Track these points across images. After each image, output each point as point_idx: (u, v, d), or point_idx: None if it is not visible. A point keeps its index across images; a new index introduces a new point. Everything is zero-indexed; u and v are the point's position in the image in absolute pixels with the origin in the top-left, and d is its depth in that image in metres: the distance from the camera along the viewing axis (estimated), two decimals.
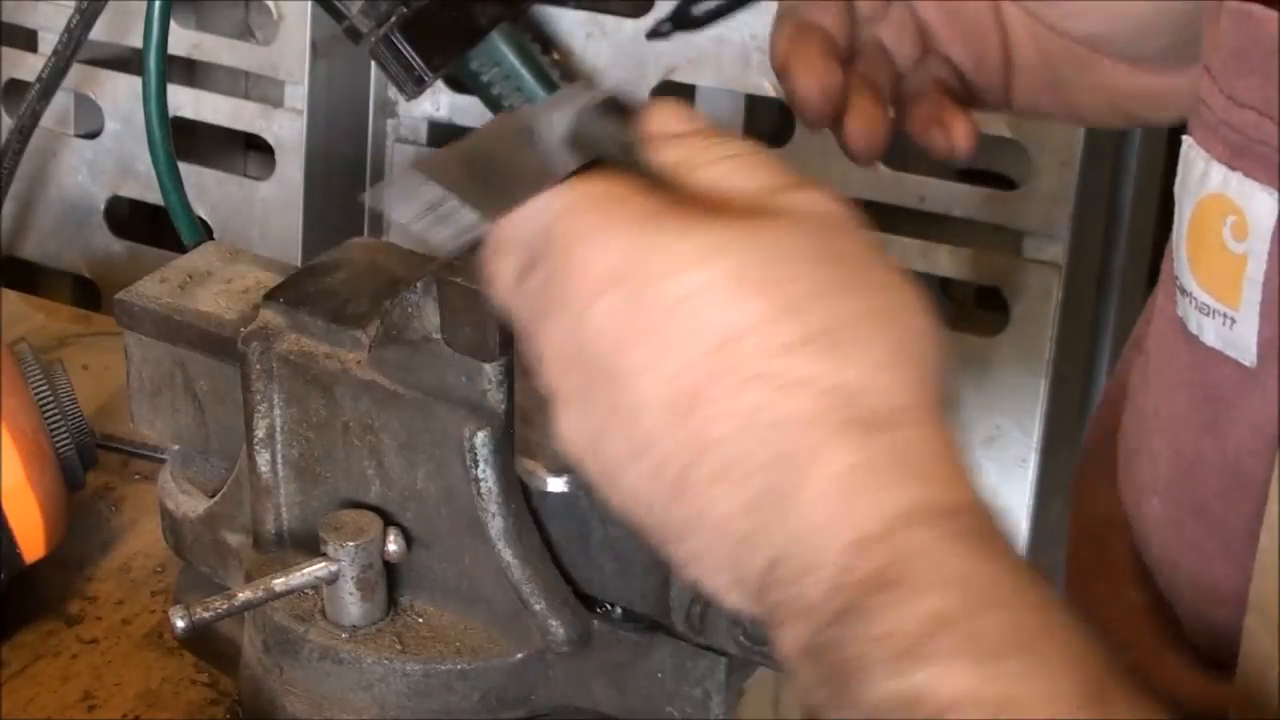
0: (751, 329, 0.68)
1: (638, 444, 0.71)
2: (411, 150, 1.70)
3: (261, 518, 1.03)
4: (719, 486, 0.69)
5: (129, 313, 1.09)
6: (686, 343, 0.68)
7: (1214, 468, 0.75)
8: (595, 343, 0.71)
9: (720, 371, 0.68)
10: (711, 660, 0.94)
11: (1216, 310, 0.73)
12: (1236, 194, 0.71)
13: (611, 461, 0.72)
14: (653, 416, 0.69)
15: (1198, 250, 0.74)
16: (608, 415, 0.71)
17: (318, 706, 0.99)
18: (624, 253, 0.70)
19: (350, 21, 1.39)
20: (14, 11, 1.71)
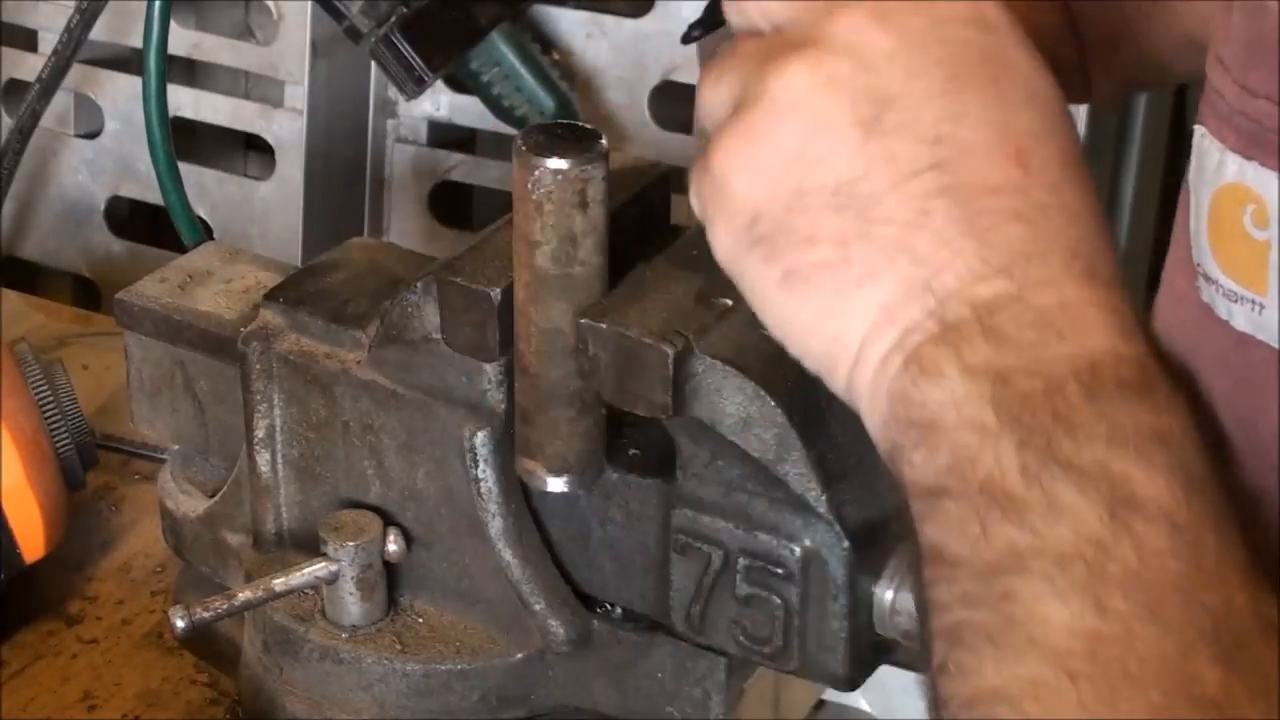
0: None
1: (851, 271, 0.70)
2: (411, 150, 1.70)
3: (261, 518, 1.03)
4: (935, 239, 0.68)
5: (129, 313, 1.09)
6: (898, 140, 0.69)
7: (1251, 450, 0.76)
8: (798, 156, 0.70)
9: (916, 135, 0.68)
10: (711, 660, 0.94)
11: (1244, 297, 0.74)
12: (1254, 183, 0.72)
13: (815, 305, 0.71)
14: (862, 186, 0.69)
15: (1219, 239, 0.74)
16: (812, 244, 0.70)
17: (318, 706, 0.99)
18: (868, 26, 0.70)
19: (350, 21, 1.39)
20: (14, 11, 1.71)
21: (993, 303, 0.67)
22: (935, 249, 0.68)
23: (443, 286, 0.92)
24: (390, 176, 1.72)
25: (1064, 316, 0.68)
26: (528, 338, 0.88)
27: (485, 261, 0.93)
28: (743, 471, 0.89)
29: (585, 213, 0.85)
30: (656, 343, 0.85)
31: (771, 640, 0.90)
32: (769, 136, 0.70)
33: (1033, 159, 0.69)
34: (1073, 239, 0.69)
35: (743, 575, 0.89)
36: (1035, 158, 0.69)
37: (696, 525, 0.90)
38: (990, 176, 0.68)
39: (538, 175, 0.84)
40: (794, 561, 0.88)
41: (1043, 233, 0.69)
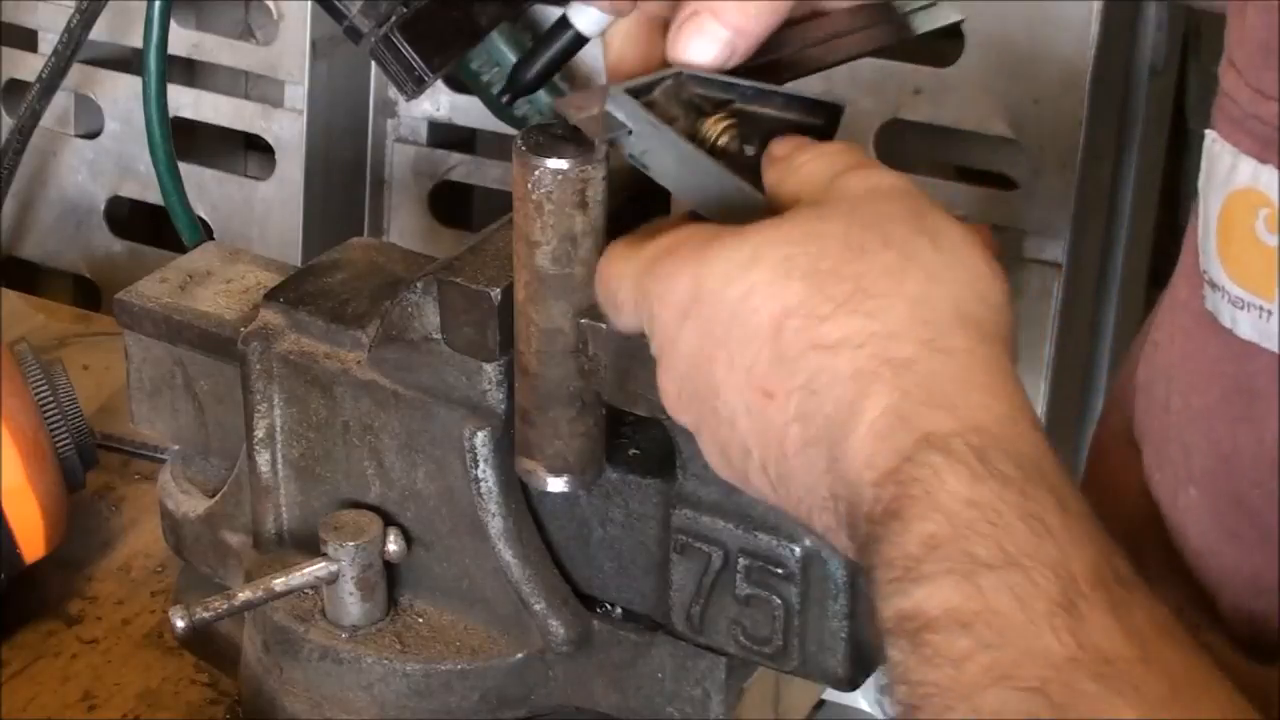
0: (796, 308, 0.76)
1: (744, 449, 0.79)
2: (412, 150, 1.70)
3: (261, 518, 1.03)
4: (800, 457, 0.76)
5: (129, 313, 1.09)
6: (754, 332, 0.77)
7: (1251, 459, 0.76)
8: (691, 369, 0.80)
9: (780, 355, 0.76)
10: (711, 660, 0.94)
11: (1252, 304, 0.73)
12: (1269, 187, 0.72)
13: (739, 469, 0.80)
14: (745, 421, 0.78)
15: (1228, 244, 0.74)
16: (719, 431, 0.80)
17: (318, 706, 0.99)
18: (687, 283, 0.79)
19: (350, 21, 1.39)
20: (14, 11, 1.71)
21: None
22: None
23: (443, 286, 0.92)
24: (390, 176, 1.72)
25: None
26: (528, 338, 0.88)
27: (485, 261, 0.93)
28: None
29: (585, 213, 0.85)
30: None
31: (771, 640, 0.90)
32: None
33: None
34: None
35: (743, 575, 0.89)
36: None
37: (696, 525, 0.90)
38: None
39: (538, 175, 0.84)
40: (794, 561, 0.88)
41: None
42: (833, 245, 0.77)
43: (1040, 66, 1.50)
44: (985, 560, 0.68)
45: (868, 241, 0.77)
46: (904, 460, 0.71)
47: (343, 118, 1.68)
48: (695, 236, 0.81)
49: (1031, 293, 1.57)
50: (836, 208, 0.79)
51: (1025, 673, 0.66)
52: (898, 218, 0.78)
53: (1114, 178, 1.65)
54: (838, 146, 0.84)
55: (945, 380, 0.73)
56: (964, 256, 0.77)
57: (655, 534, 0.93)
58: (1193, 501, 0.80)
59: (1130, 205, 1.67)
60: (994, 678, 0.66)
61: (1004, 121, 1.54)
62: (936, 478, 0.70)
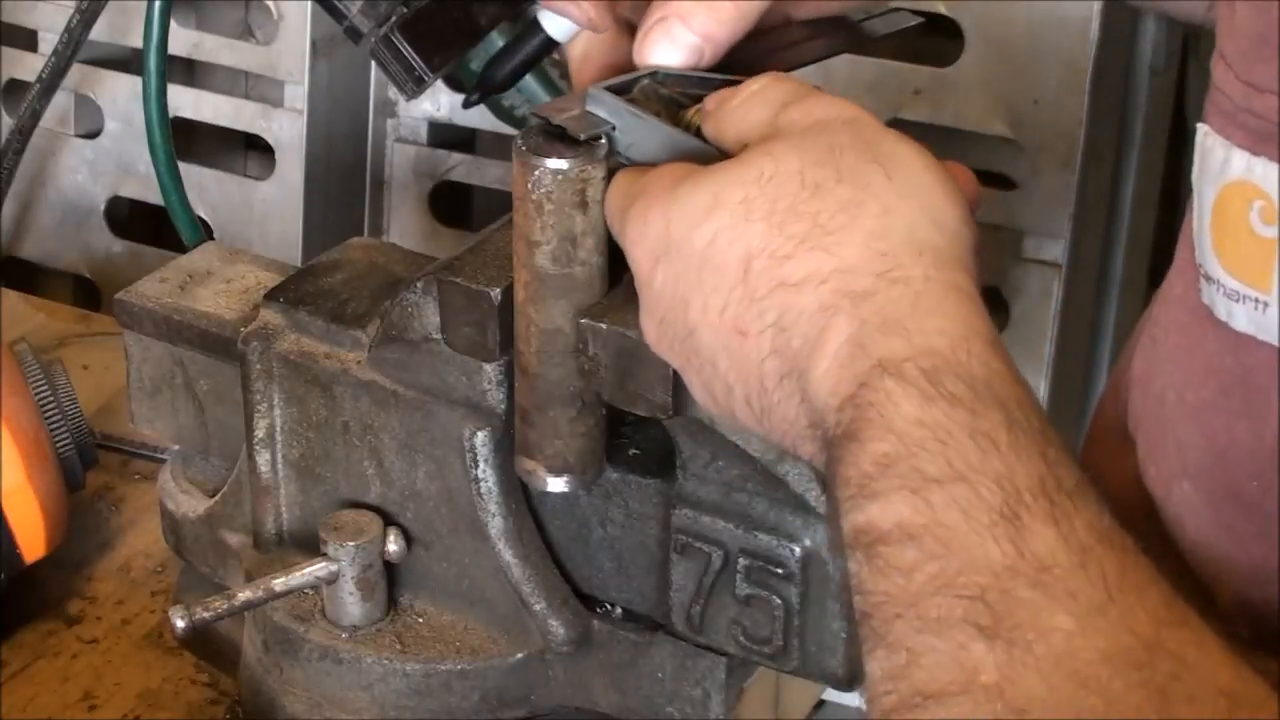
0: (760, 250, 0.79)
1: (727, 385, 0.81)
2: (412, 150, 1.70)
3: (261, 518, 1.03)
4: (779, 391, 0.79)
5: (129, 312, 1.09)
6: (721, 278, 0.80)
7: (1248, 452, 0.76)
8: (668, 311, 0.82)
9: (750, 295, 0.79)
10: (711, 660, 0.94)
11: (1248, 296, 0.74)
12: (1262, 179, 0.72)
13: (724, 405, 0.83)
14: (724, 359, 0.81)
15: (1224, 237, 0.74)
16: (702, 369, 0.82)
17: (318, 706, 0.99)
18: (658, 228, 0.82)
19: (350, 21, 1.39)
20: (14, 11, 1.71)
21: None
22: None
23: (443, 286, 0.92)
24: (390, 176, 1.72)
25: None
26: (528, 338, 0.88)
27: (485, 261, 0.93)
28: (743, 471, 0.89)
29: (585, 213, 0.85)
30: None
31: (771, 640, 0.90)
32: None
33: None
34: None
35: (743, 575, 0.89)
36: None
37: (696, 525, 0.90)
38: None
39: (538, 175, 0.84)
40: (794, 561, 0.88)
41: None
42: (788, 184, 0.79)
43: (1040, 66, 1.50)
44: (934, 476, 0.71)
45: (822, 178, 0.79)
46: (860, 385, 0.74)
47: (343, 118, 1.68)
48: (666, 176, 0.83)
49: (1031, 293, 1.57)
50: (786, 143, 0.81)
51: (966, 580, 0.69)
52: (849, 148, 0.80)
53: (1114, 178, 1.65)
54: (765, 80, 0.86)
55: (901, 308, 0.76)
56: (918, 183, 0.80)
57: (655, 534, 0.93)
58: (1188, 495, 0.81)
59: (1130, 205, 1.67)
60: (938, 586, 0.70)
61: (1004, 121, 1.54)
62: (890, 401, 0.73)
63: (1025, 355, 1.55)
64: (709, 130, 0.86)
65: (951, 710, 0.68)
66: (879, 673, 0.72)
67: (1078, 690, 0.66)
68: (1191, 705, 0.66)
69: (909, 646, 0.70)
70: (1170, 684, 0.66)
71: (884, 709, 0.71)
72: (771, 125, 0.83)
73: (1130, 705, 0.66)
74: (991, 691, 0.68)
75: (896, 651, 0.71)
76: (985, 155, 1.67)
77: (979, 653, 0.68)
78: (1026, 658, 0.67)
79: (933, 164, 0.81)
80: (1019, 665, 0.67)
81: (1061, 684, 0.67)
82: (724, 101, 0.86)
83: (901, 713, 0.70)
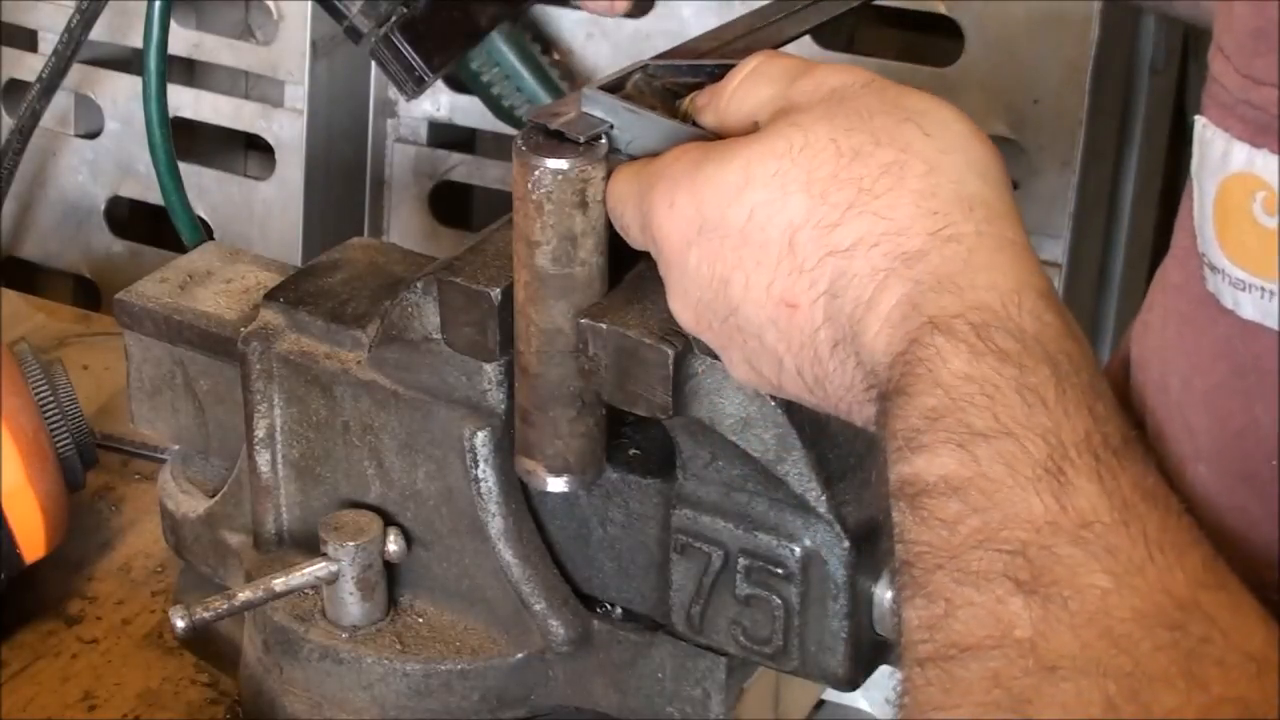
0: (805, 218, 0.78)
1: (775, 359, 0.81)
2: (412, 150, 1.70)
3: (261, 518, 1.03)
4: (834, 359, 0.79)
5: (129, 313, 1.09)
6: (765, 254, 0.79)
7: (1261, 434, 0.77)
8: (705, 292, 0.82)
9: (798, 266, 0.79)
10: (711, 660, 0.94)
11: (1253, 285, 0.74)
12: (1263, 170, 0.72)
13: (771, 379, 0.83)
14: (772, 333, 0.80)
15: (1227, 228, 0.75)
16: (746, 345, 0.82)
17: (318, 706, 0.99)
18: (688, 211, 0.81)
19: (350, 21, 1.39)
20: (14, 11, 1.71)
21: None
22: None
23: (443, 286, 0.92)
24: (390, 176, 1.72)
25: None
26: (528, 338, 0.88)
27: (485, 261, 0.93)
28: (743, 471, 0.89)
29: (585, 213, 0.85)
30: (656, 343, 0.85)
31: (771, 640, 0.90)
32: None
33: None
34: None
35: (743, 575, 0.89)
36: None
37: (696, 525, 0.90)
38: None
39: (538, 175, 0.84)
40: (794, 561, 0.88)
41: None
42: (824, 152, 0.79)
43: (1040, 66, 1.50)
44: (980, 430, 0.72)
45: (859, 143, 0.79)
46: (911, 342, 0.75)
47: (343, 118, 1.68)
48: (685, 157, 0.82)
49: None
50: (811, 114, 0.81)
51: (1008, 535, 0.70)
52: (877, 111, 0.80)
53: (1114, 178, 1.65)
54: (758, 60, 0.86)
55: (954, 265, 0.76)
56: (955, 136, 0.80)
57: (655, 534, 0.93)
58: (1201, 477, 0.81)
59: (1130, 205, 1.67)
60: (979, 539, 0.70)
61: (1004, 121, 1.54)
62: (939, 356, 0.74)
63: None
64: (708, 119, 0.86)
65: (985, 663, 0.69)
66: (916, 621, 0.72)
67: (1108, 648, 0.67)
68: (1220, 668, 0.66)
69: (948, 597, 0.71)
70: (1200, 646, 0.67)
71: (918, 656, 0.72)
72: (783, 99, 0.83)
73: (1158, 666, 0.66)
74: (1024, 646, 0.68)
75: (935, 601, 0.71)
76: None
77: (1015, 607, 0.69)
78: (1061, 614, 0.68)
79: (963, 116, 0.81)
80: (1053, 621, 0.68)
81: (1093, 641, 0.67)
82: (719, 89, 0.86)
83: (936, 662, 0.71)
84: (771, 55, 0.86)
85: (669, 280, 0.84)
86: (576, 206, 0.85)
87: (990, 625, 0.69)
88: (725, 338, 0.83)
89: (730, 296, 0.81)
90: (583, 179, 0.85)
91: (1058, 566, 0.69)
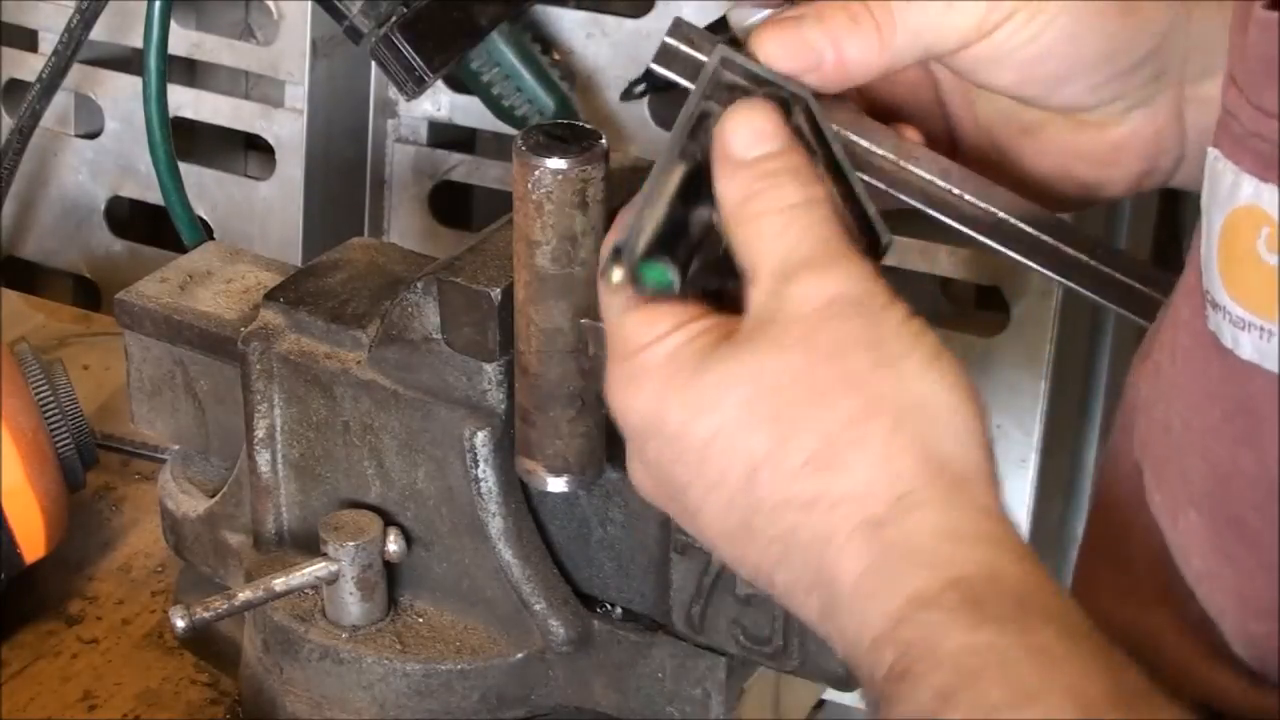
0: (766, 458, 0.75)
1: (733, 558, 0.79)
2: (411, 150, 1.70)
3: (261, 518, 1.03)
4: (790, 598, 0.77)
5: (129, 313, 1.09)
6: (725, 477, 0.77)
7: (1250, 480, 0.75)
8: (664, 485, 0.80)
9: (757, 501, 0.76)
10: (711, 660, 0.94)
11: (1253, 324, 0.72)
12: (1270, 205, 0.71)
13: (730, 558, 0.80)
14: (727, 548, 0.79)
15: (1230, 264, 0.73)
16: (703, 535, 0.80)
17: (318, 706, 0.99)
18: (650, 406, 0.78)
19: (350, 21, 1.39)
20: (14, 11, 1.71)
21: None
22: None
23: (443, 286, 0.92)
24: (390, 176, 1.72)
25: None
26: (528, 338, 0.88)
27: (485, 261, 0.93)
28: None
29: (585, 213, 0.85)
30: None
31: (771, 640, 0.90)
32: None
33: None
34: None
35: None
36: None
37: None
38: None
39: (538, 175, 0.84)
40: None
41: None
42: (795, 388, 0.76)
43: None
44: (1001, 702, 0.67)
45: (828, 384, 0.75)
46: (897, 623, 0.71)
47: (343, 118, 1.68)
48: (660, 350, 0.79)
49: (1031, 293, 1.57)
50: (791, 333, 0.76)
51: None
52: (857, 345, 0.76)
53: None
54: (798, 198, 0.79)
55: (923, 536, 0.73)
56: (929, 389, 0.76)
57: (655, 534, 0.93)
58: (1192, 523, 0.80)
59: (1130, 205, 1.67)
60: None
61: None
62: (935, 634, 0.70)
63: (1025, 355, 1.55)
64: (724, 188, 0.80)
65: None
66: None
67: None
68: None
69: None
70: None
71: None
72: (781, 283, 0.77)
73: None
74: None
75: None
76: None
77: None
78: None
79: (946, 362, 0.77)
80: None
81: None
82: (747, 199, 0.79)
83: None
84: (812, 205, 0.79)
85: (629, 446, 0.81)
86: (576, 206, 0.85)
87: None
88: (681, 517, 0.81)
89: (687, 502, 0.78)
90: (583, 179, 0.85)
91: None
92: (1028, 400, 1.58)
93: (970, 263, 1.58)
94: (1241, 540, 0.76)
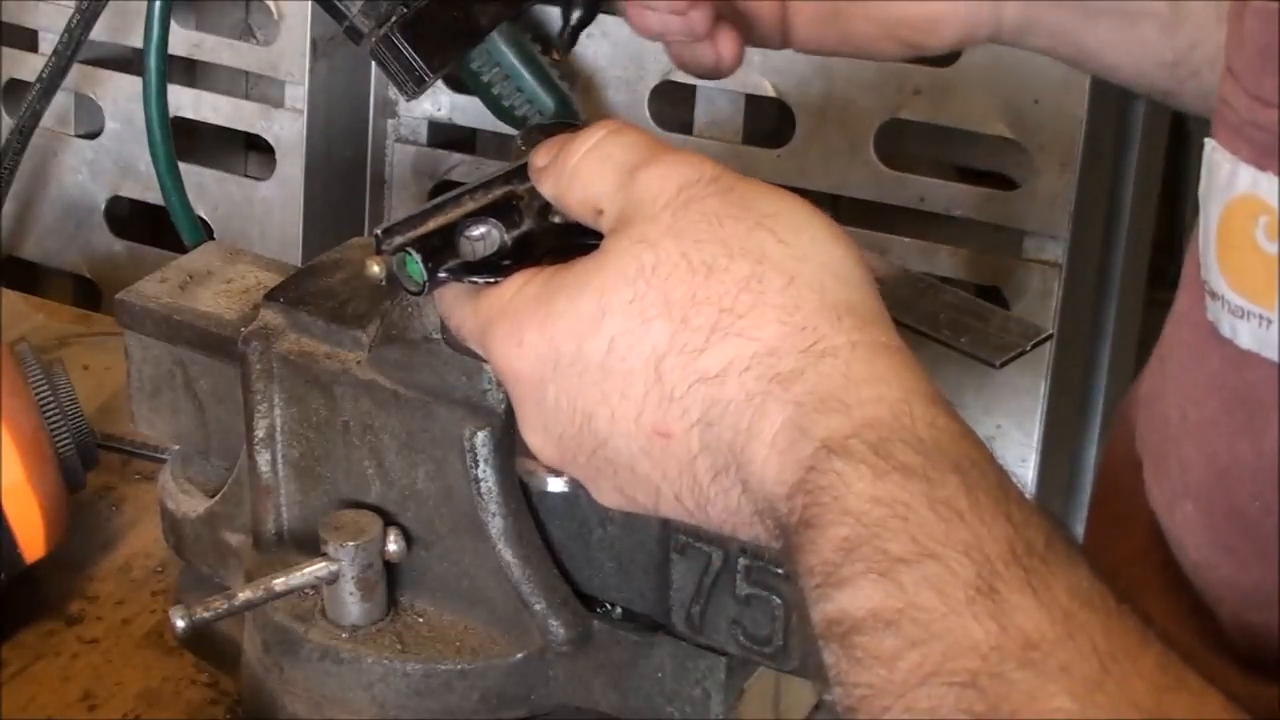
0: (669, 345, 0.75)
1: (651, 487, 0.79)
2: (412, 150, 1.70)
3: (261, 518, 1.03)
4: (715, 485, 0.76)
5: (129, 313, 1.09)
6: (629, 384, 0.76)
7: (1249, 471, 0.75)
8: (568, 427, 0.79)
9: (667, 395, 0.76)
10: (711, 660, 0.94)
11: (1251, 313, 0.72)
12: (1268, 194, 0.71)
13: (647, 504, 0.80)
14: (645, 463, 0.78)
15: (1228, 253, 0.73)
16: (617, 476, 0.79)
17: (318, 706, 0.99)
18: (539, 347, 0.78)
19: (350, 21, 1.39)
20: (14, 11, 1.72)
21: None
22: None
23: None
24: (390, 176, 1.72)
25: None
26: None
27: None
28: None
29: None
30: None
31: (771, 640, 0.90)
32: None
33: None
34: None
35: (743, 575, 0.89)
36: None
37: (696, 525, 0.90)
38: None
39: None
40: None
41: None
42: (676, 271, 0.76)
43: (1040, 66, 1.50)
44: (901, 555, 0.68)
45: (710, 256, 0.76)
46: (808, 470, 0.71)
47: (343, 118, 1.69)
48: (528, 291, 0.79)
49: (1031, 293, 1.57)
50: (657, 224, 0.77)
51: (954, 666, 0.66)
52: (726, 216, 0.77)
53: (1114, 178, 1.65)
54: (601, 132, 0.81)
55: (834, 382, 0.73)
56: (811, 240, 0.77)
57: (655, 534, 0.93)
58: (1189, 515, 0.80)
59: (1130, 205, 1.67)
60: (924, 674, 0.66)
61: (1004, 121, 1.54)
62: (841, 482, 0.70)
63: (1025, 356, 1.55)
64: (546, 188, 0.83)
65: None
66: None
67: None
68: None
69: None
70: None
71: None
72: (627, 196, 0.79)
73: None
74: None
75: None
76: (985, 155, 1.68)
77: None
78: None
79: (817, 214, 0.78)
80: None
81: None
82: (562, 158, 0.82)
83: None
84: (618, 130, 0.81)
85: (523, 416, 0.81)
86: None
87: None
88: (593, 470, 0.80)
89: (596, 430, 0.78)
90: None
91: (1014, 694, 0.65)
92: (1028, 400, 1.58)
93: (970, 263, 1.58)
94: (1239, 531, 0.77)
